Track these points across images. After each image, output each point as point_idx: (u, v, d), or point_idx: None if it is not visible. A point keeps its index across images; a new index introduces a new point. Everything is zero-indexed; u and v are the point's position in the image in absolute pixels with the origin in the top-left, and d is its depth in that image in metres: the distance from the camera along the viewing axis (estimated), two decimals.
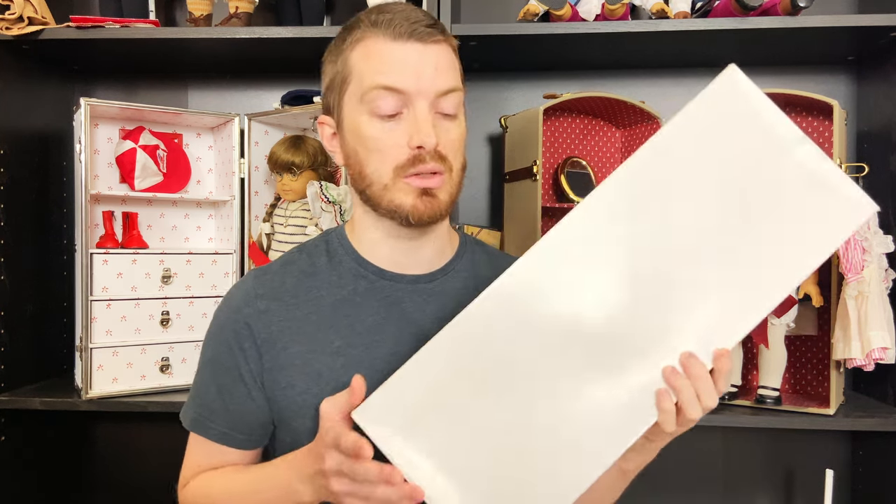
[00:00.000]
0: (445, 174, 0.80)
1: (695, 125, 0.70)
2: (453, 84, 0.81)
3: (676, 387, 0.68)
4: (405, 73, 0.78)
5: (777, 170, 0.69)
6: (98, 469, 1.73)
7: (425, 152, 0.78)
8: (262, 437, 0.88)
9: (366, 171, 0.81)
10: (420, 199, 0.79)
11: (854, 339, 1.24)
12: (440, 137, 0.79)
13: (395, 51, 0.78)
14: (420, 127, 0.77)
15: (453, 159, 0.81)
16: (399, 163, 0.79)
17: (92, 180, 1.47)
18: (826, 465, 1.55)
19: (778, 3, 1.31)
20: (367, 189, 0.82)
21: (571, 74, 1.62)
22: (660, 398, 0.68)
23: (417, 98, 0.78)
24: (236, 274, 1.52)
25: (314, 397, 0.83)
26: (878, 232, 1.26)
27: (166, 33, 1.40)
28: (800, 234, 0.69)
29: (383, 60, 0.78)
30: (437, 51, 0.80)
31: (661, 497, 1.63)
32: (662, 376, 0.68)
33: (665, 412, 0.68)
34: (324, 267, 0.88)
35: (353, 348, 0.84)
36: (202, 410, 0.87)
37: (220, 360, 0.86)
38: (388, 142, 0.79)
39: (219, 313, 0.89)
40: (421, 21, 0.79)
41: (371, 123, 0.79)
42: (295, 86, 1.58)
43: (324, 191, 1.36)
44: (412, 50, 0.78)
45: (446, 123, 0.81)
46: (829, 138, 1.41)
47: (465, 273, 0.89)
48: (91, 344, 1.38)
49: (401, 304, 0.86)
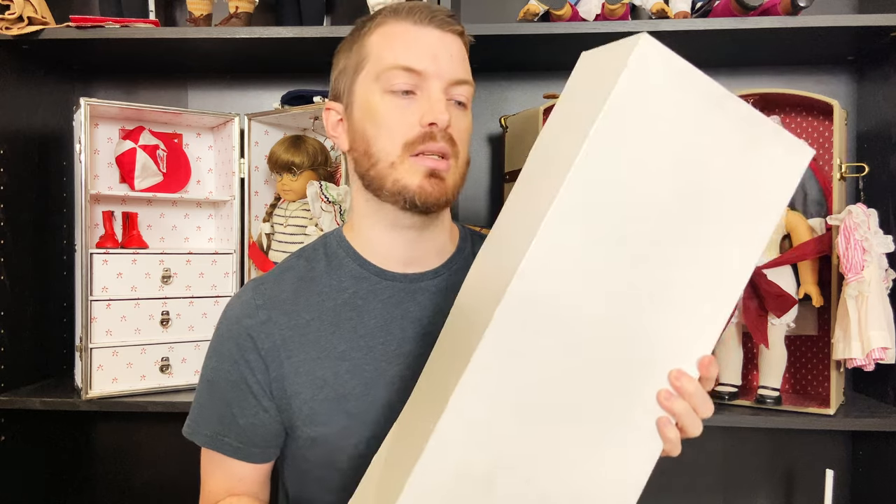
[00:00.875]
0: (452, 160, 0.80)
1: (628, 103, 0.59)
2: (467, 76, 0.83)
3: (676, 412, 0.65)
4: (423, 55, 0.79)
5: (716, 137, 0.63)
6: (98, 469, 1.73)
7: (437, 130, 0.78)
8: (276, 449, 0.87)
9: (372, 150, 0.80)
10: (427, 180, 0.79)
11: (854, 339, 1.24)
12: (452, 121, 0.79)
13: (415, 33, 0.80)
14: (433, 105, 0.78)
15: (461, 147, 0.82)
16: (409, 139, 0.78)
17: (92, 180, 1.48)
18: (826, 465, 1.55)
19: (778, 3, 1.31)
20: (372, 169, 0.81)
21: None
22: (662, 428, 0.65)
23: (433, 79, 0.79)
24: (236, 274, 1.52)
25: (320, 404, 0.82)
26: (879, 232, 1.26)
27: (166, 33, 1.40)
28: (753, 199, 0.64)
29: (403, 41, 0.80)
30: (454, 41, 0.82)
31: (661, 497, 1.63)
32: (658, 402, 0.65)
33: (670, 441, 0.66)
34: (323, 271, 0.87)
35: (357, 352, 0.83)
36: (215, 426, 0.85)
37: (226, 375, 0.85)
38: (400, 118, 0.79)
39: (220, 327, 0.87)
40: (440, 11, 0.82)
41: (384, 100, 0.80)
42: (295, 86, 1.58)
43: (324, 191, 1.36)
44: (431, 35, 0.80)
45: (457, 111, 0.81)
46: (829, 138, 1.41)
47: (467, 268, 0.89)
48: (91, 344, 1.38)
49: (403, 305, 0.85)
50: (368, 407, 0.82)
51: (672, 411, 0.65)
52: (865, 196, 1.49)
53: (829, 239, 1.30)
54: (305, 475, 0.88)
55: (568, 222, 0.59)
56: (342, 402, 0.82)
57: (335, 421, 0.82)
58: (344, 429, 0.82)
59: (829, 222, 1.29)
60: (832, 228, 1.29)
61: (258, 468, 0.87)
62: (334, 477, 0.84)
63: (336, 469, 0.84)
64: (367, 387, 0.82)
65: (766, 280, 1.29)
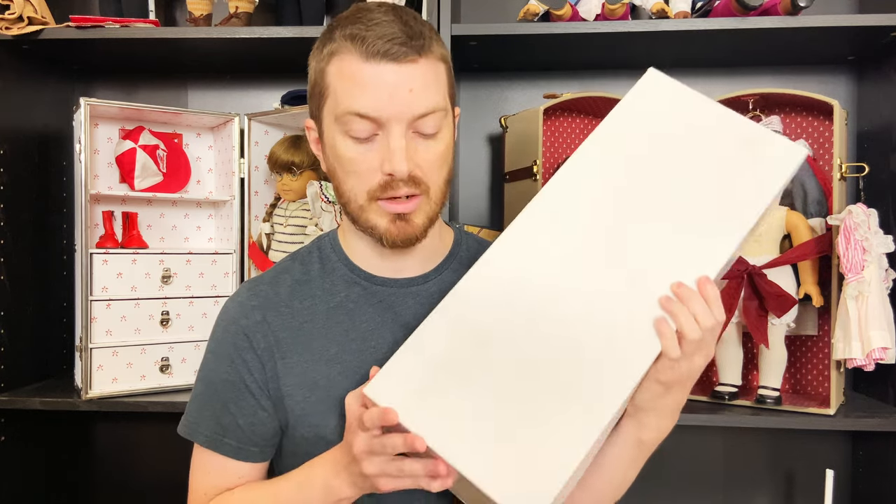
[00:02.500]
0: (422, 197, 0.79)
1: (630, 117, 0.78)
2: (432, 105, 0.76)
3: (672, 312, 0.70)
4: (378, 98, 0.74)
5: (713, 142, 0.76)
6: (98, 469, 1.73)
7: (397, 179, 0.77)
8: (273, 448, 0.88)
9: (343, 189, 0.81)
10: (394, 224, 0.79)
11: (854, 339, 1.24)
12: (418, 158, 0.77)
13: (368, 72, 0.74)
14: (391, 155, 0.75)
15: (431, 180, 0.79)
16: (371, 187, 0.78)
17: (92, 180, 1.48)
18: (826, 465, 1.55)
19: (778, 3, 1.31)
20: (346, 206, 0.82)
21: (571, 74, 1.62)
22: (658, 325, 0.70)
23: (391, 123, 0.75)
24: (236, 274, 1.52)
25: (312, 406, 0.83)
26: (879, 232, 1.26)
27: (166, 33, 1.40)
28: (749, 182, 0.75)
29: (356, 83, 0.75)
30: (412, 71, 0.75)
31: (661, 497, 1.63)
32: (659, 305, 0.71)
33: (665, 337, 0.70)
34: (317, 274, 0.88)
35: (348, 355, 0.84)
36: (214, 427, 0.86)
37: (223, 375, 0.85)
38: (363, 165, 0.77)
39: (216, 329, 0.88)
40: (397, 38, 0.74)
41: (346, 145, 0.78)
42: (295, 86, 1.58)
43: (324, 191, 1.36)
44: (387, 71, 0.74)
45: (426, 143, 0.78)
46: (829, 138, 1.41)
47: (460, 270, 0.89)
48: (91, 344, 1.38)
49: (395, 308, 0.86)
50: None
51: (669, 311, 0.70)
52: (865, 196, 1.49)
53: (829, 239, 1.30)
54: None
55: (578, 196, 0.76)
56: (334, 404, 0.83)
57: (328, 421, 0.83)
58: (337, 427, 0.83)
59: (829, 222, 1.29)
60: (832, 228, 1.29)
61: (256, 467, 0.88)
62: None
63: None
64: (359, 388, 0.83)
65: (766, 280, 1.29)
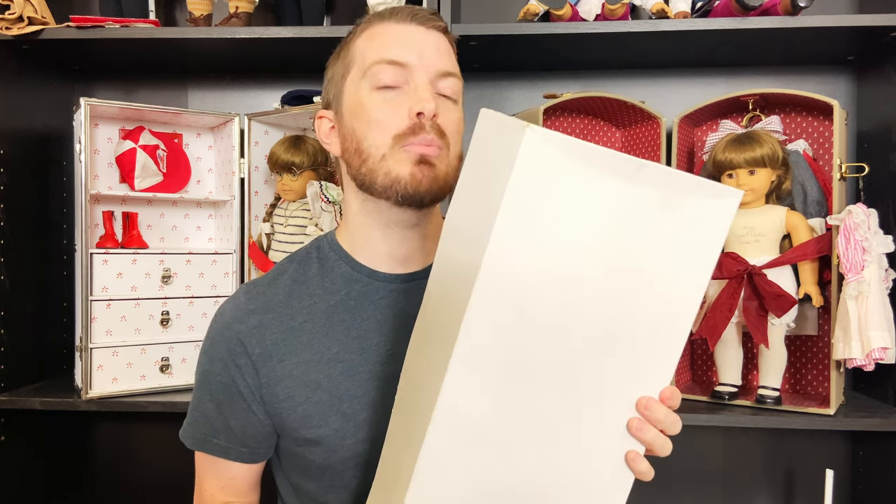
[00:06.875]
0: (444, 150, 0.80)
1: (521, 216, 0.55)
2: (453, 69, 0.83)
3: (647, 441, 0.66)
4: (407, 49, 0.80)
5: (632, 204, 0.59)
6: (98, 469, 1.73)
7: (425, 119, 0.78)
8: (267, 450, 0.88)
9: (363, 146, 0.81)
10: (418, 167, 0.78)
11: (854, 339, 1.24)
12: (440, 113, 0.80)
13: (398, 30, 0.82)
14: (420, 95, 0.78)
15: (452, 140, 0.81)
16: (399, 130, 0.79)
17: (92, 180, 1.48)
18: (826, 465, 1.55)
19: (778, 3, 1.31)
20: (363, 165, 0.81)
21: (571, 74, 1.62)
22: (632, 463, 0.67)
23: (418, 71, 0.80)
24: (236, 274, 1.52)
25: (315, 406, 0.82)
26: (879, 232, 1.26)
27: (166, 33, 1.40)
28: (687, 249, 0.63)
29: (387, 38, 0.81)
30: (438, 36, 0.83)
31: (661, 497, 1.63)
32: (629, 431, 0.66)
33: (642, 473, 0.68)
34: (315, 274, 0.88)
35: (350, 353, 0.83)
36: (203, 427, 0.87)
37: (216, 377, 0.86)
38: (389, 111, 0.79)
39: (211, 330, 0.88)
40: (424, 10, 0.83)
41: (372, 96, 0.80)
42: (295, 86, 1.58)
43: (324, 191, 1.36)
44: (415, 31, 0.82)
45: (446, 103, 0.82)
46: (829, 138, 1.42)
47: None
48: (91, 344, 1.38)
49: (397, 305, 0.86)
50: (363, 407, 0.82)
51: (644, 440, 0.66)
52: (865, 196, 1.49)
53: (829, 239, 1.30)
54: (307, 471, 0.88)
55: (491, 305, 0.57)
56: (337, 404, 0.82)
57: (330, 422, 0.82)
58: (339, 429, 0.82)
59: (829, 222, 1.29)
60: (832, 228, 1.29)
61: (249, 468, 0.88)
62: (335, 474, 0.85)
63: (335, 467, 0.84)
64: (362, 388, 0.83)
65: (766, 280, 1.29)
